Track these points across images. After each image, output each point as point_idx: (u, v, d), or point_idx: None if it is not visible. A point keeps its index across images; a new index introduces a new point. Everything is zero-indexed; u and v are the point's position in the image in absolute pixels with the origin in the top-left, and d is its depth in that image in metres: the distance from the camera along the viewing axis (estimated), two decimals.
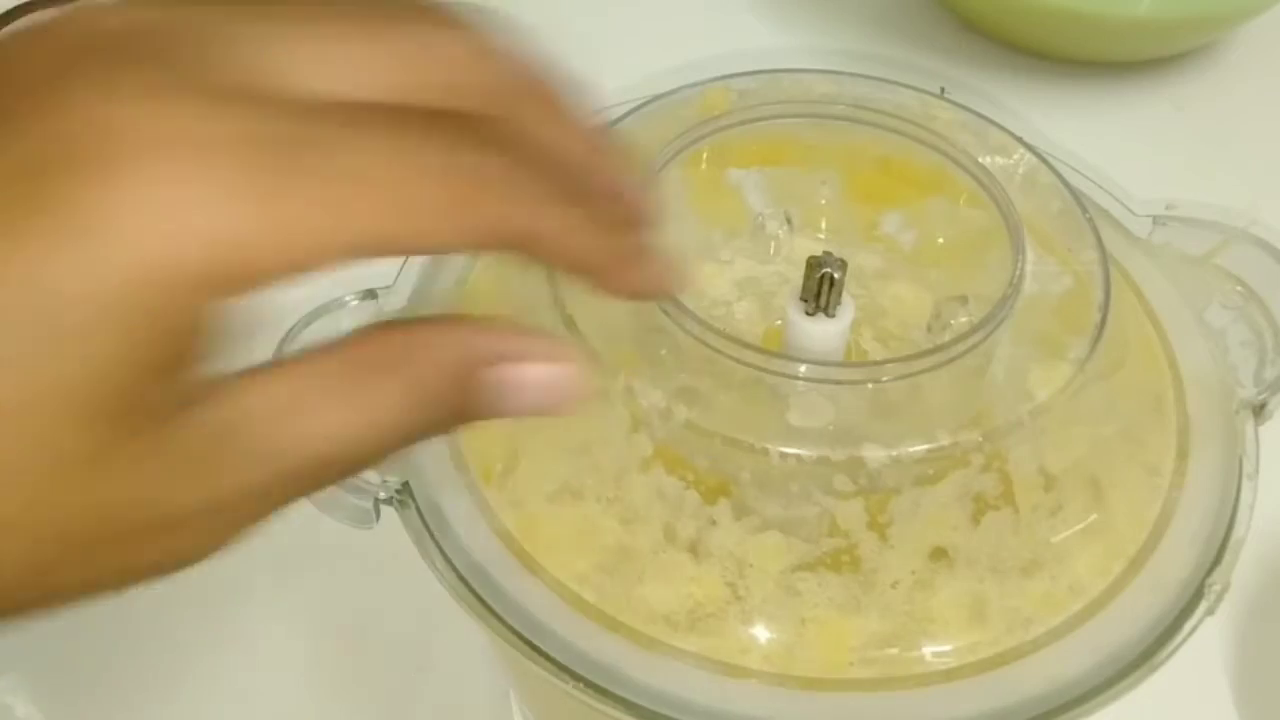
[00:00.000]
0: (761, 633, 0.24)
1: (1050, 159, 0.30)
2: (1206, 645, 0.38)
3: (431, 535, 0.25)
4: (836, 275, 0.26)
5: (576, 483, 0.22)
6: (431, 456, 0.26)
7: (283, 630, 0.37)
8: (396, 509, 0.26)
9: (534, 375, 0.18)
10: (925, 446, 0.24)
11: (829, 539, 0.24)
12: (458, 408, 0.18)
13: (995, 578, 0.25)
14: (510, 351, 0.18)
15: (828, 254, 0.26)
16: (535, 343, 0.18)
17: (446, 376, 0.17)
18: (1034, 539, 0.25)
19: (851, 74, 0.32)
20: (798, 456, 0.24)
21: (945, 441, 0.24)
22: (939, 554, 0.25)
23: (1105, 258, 0.28)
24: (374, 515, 0.26)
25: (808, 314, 0.26)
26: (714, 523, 0.25)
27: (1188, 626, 0.24)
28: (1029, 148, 0.30)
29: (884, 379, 0.25)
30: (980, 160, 0.29)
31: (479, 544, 0.25)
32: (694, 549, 0.25)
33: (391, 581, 0.37)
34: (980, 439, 0.25)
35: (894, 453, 0.24)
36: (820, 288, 0.26)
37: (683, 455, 0.24)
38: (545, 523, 0.25)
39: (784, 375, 0.24)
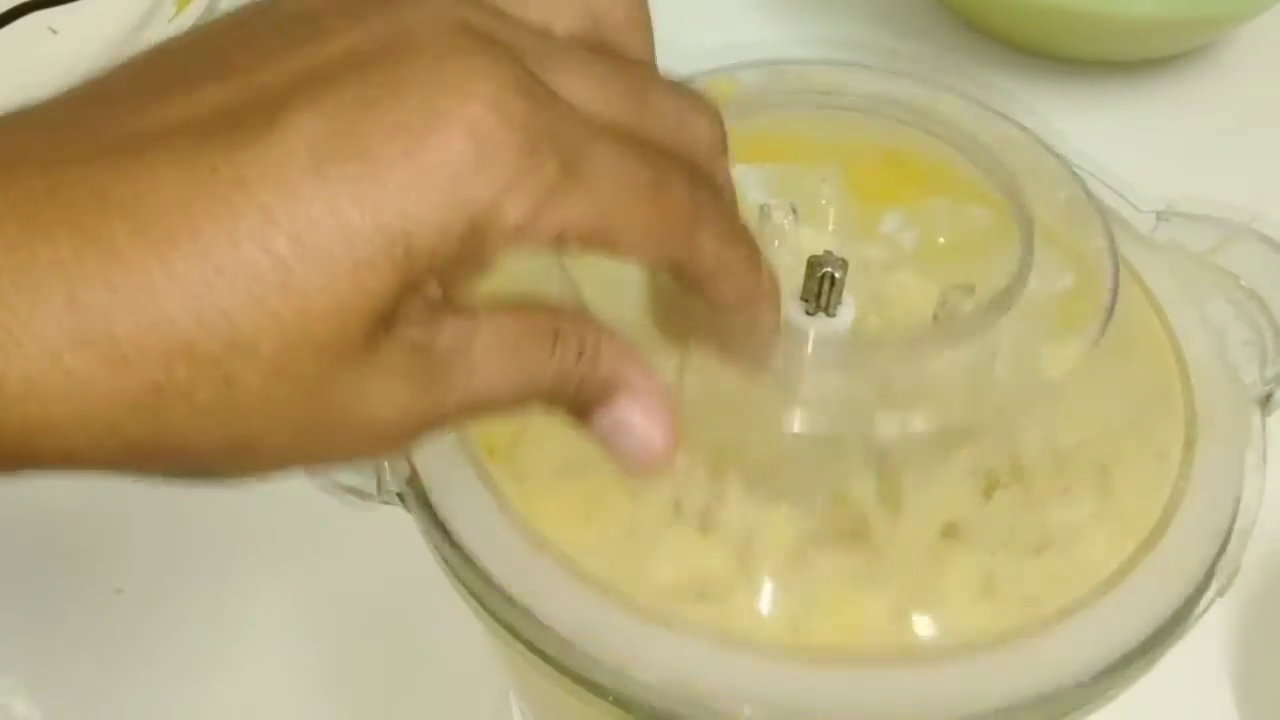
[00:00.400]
0: (771, 608, 0.24)
1: (1056, 151, 0.30)
2: (1207, 645, 0.38)
3: (444, 532, 0.25)
4: (837, 275, 0.26)
5: (584, 457, 0.22)
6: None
7: (283, 630, 0.37)
8: (403, 505, 0.26)
9: (642, 427, 0.21)
10: (936, 423, 0.24)
11: (839, 514, 0.24)
12: (577, 406, 0.21)
13: (1006, 555, 0.24)
14: (643, 395, 0.21)
15: (828, 253, 0.26)
16: (662, 406, 0.21)
17: (596, 381, 0.20)
18: (1044, 518, 0.25)
19: (856, 64, 0.31)
20: (809, 432, 0.24)
21: (956, 418, 0.24)
22: (950, 530, 0.24)
23: (1114, 244, 0.27)
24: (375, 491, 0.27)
25: (808, 314, 0.26)
26: (723, 497, 0.24)
27: (1199, 608, 0.24)
28: (1035, 138, 0.30)
29: (896, 356, 0.24)
30: (987, 149, 0.29)
31: (483, 521, 0.25)
32: (703, 523, 0.24)
33: (392, 581, 0.37)
34: (991, 417, 0.24)
35: (905, 429, 0.24)
36: (820, 287, 0.26)
37: (692, 429, 0.23)
38: (552, 498, 0.25)
39: (796, 351, 0.24)
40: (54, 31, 0.57)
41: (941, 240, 0.30)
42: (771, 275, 0.23)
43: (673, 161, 0.20)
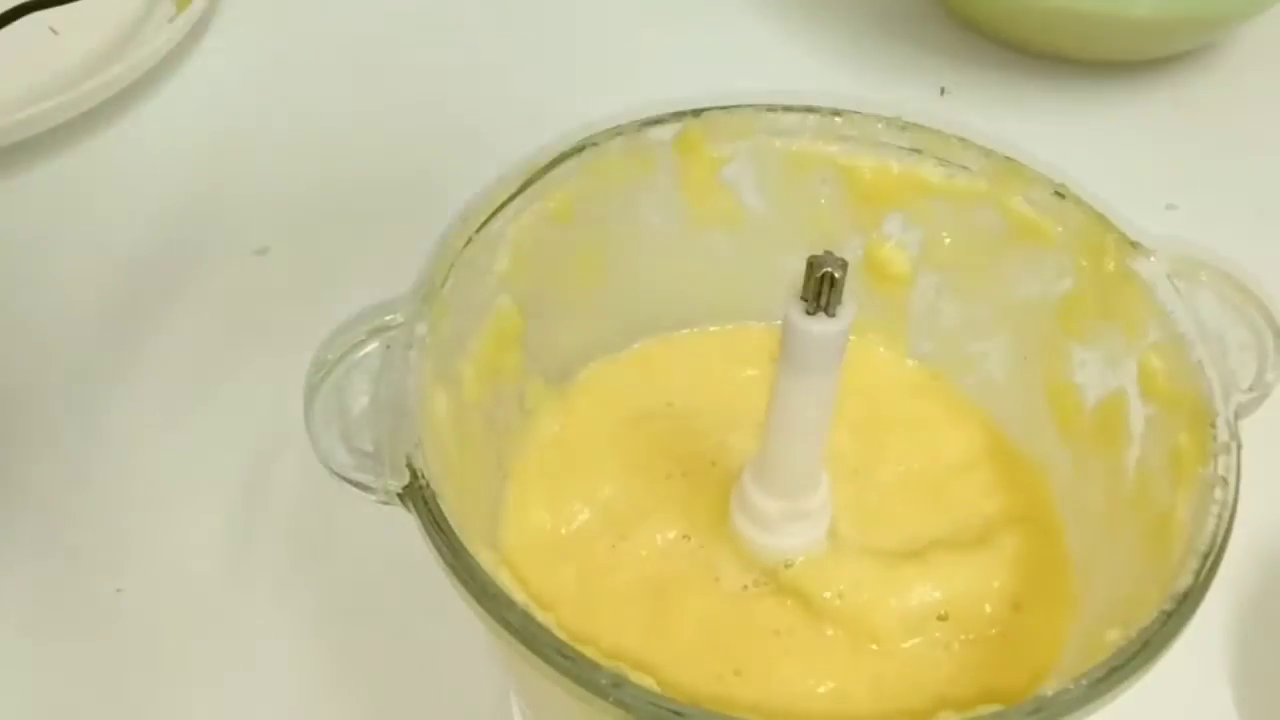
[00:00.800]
0: None
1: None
2: (1207, 645, 0.38)
3: (444, 532, 0.25)
4: (837, 275, 0.25)
5: None
6: None
7: (283, 630, 0.37)
8: (403, 505, 0.26)
9: None
10: None
11: None
12: None
13: None
14: None
15: (828, 253, 0.25)
16: None
17: None
18: None
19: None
20: None
21: None
22: None
23: None
24: None
25: (808, 314, 0.26)
26: None
27: None
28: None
29: None
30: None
31: None
32: None
33: (392, 581, 0.38)
34: None
35: None
36: (820, 287, 0.26)
37: None
38: None
39: None
40: (54, 31, 0.57)
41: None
42: None
43: None
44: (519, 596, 0.25)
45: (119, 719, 0.36)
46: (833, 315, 0.26)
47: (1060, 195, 0.32)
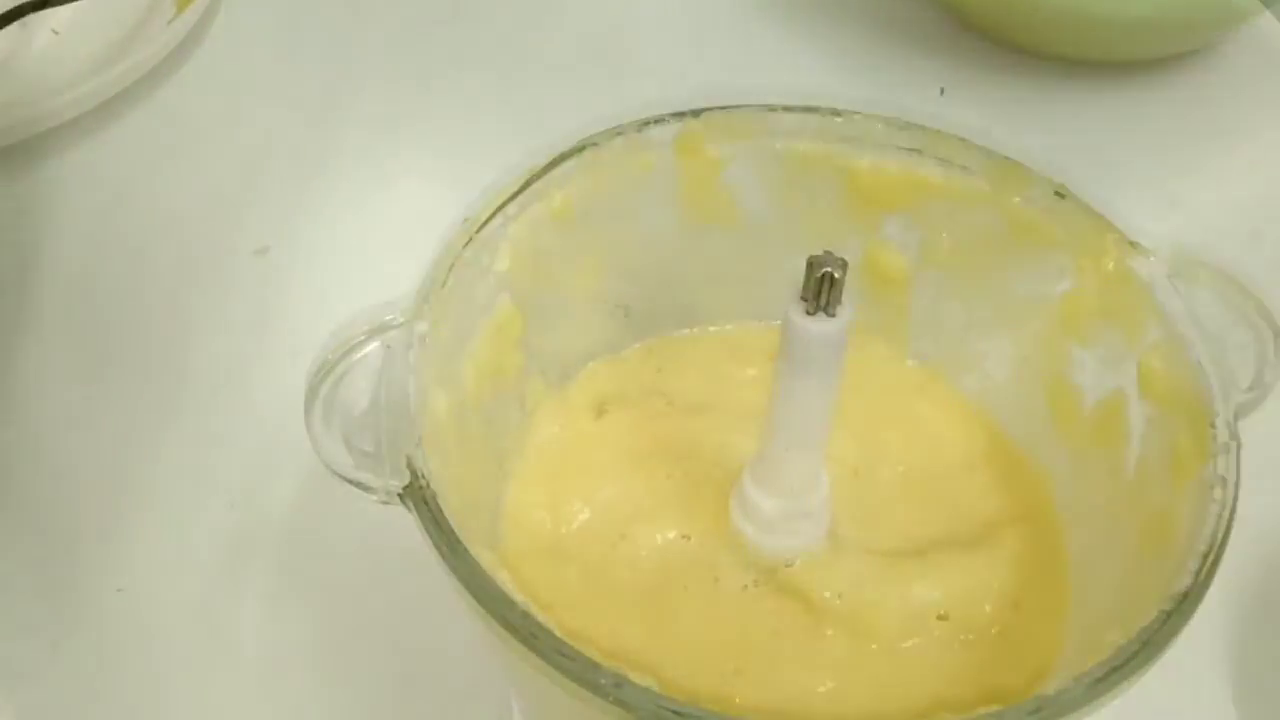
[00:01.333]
0: None
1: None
2: (1207, 644, 0.38)
3: (444, 532, 0.25)
4: (837, 275, 0.25)
5: None
6: None
7: (282, 631, 0.37)
8: (403, 505, 0.26)
9: None
10: None
11: None
12: None
13: None
14: None
15: (828, 253, 0.26)
16: None
17: None
18: None
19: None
20: None
21: None
22: None
23: None
24: None
25: (808, 314, 0.26)
26: None
27: None
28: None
29: None
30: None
31: None
32: None
33: (391, 581, 0.38)
34: None
35: None
36: (820, 287, 0.26)
37: None
38: None
39: None
40: (55, 32, 0.57)
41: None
42: None
43: None
44: (519, 596, 0.25)
45: (119, 719, 0.36)
46: (832, 315, 0.26)
47: (1060, 195, 0.32)
